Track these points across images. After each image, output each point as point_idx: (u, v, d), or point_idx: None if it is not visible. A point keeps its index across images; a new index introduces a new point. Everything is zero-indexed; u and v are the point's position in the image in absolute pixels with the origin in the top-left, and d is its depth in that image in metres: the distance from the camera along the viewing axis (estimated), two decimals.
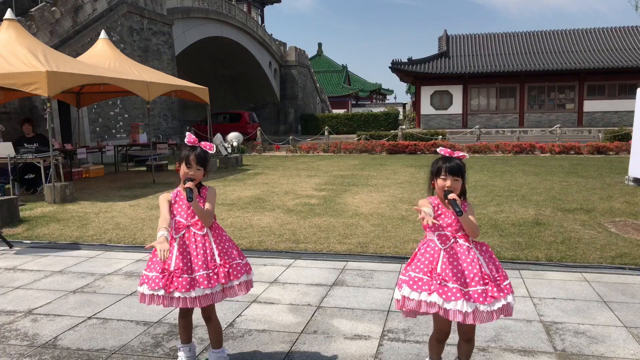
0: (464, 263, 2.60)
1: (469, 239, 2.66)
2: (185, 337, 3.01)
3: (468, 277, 2.57)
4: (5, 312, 3.97)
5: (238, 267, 2.88)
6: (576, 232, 6.19)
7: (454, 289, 2.54)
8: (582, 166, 14.15)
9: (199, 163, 2.84)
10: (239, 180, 12.21)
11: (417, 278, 2.63)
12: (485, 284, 2.57)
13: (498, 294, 2.56)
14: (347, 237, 6.12)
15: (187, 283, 2.76)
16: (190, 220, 2.87)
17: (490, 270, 2.62)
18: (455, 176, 2.63)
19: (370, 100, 70.46)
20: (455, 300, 2.52)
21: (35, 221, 7.42)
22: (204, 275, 2.78)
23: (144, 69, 13.42)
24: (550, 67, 33.84)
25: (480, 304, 2.53)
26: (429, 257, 2.65)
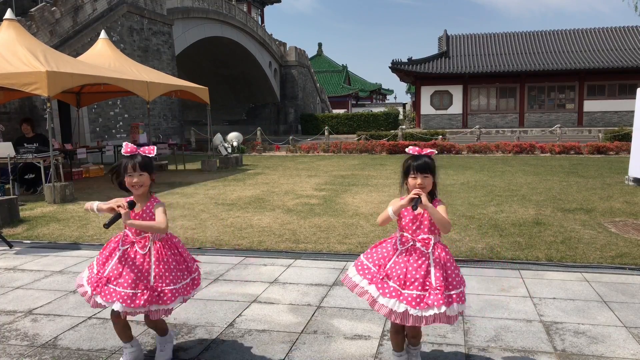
0: (410, 267, 2.70)
1: (429, 244, 2.72)
2: (124, 337, 3.01)
3: (408, 281, 2.67)
4: (6, 312, 3.97)
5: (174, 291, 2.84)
6: (576, 232, 6.19)
7: (392, 288, 2.68)
8: (582, 166, 14.15)
9: (141, 168, 2.81)
10: (239, 180, 12.21)
11: (367, 266, 2.84)
12: (423, 290, 2.64)
13: (433, 302, 2.61)
14: (347, 237, 6.12)
15: (109, 293, 2.79)
16: (136, 237, 2.88)
17: (437, 278, 2.66)
18: (425, 173, 2.70)
19: (370, 100, 70.47)
20: (389, 297, 2.66)
21: (35, 221, 7.42)
22: (129, 294, 2.77)
23: (144, 69, 13.42)
24: (550, 67, 33.84)
25: (412, 308, 2.62)
26: (385, 252, 2.81)
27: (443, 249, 2.76)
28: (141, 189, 2.86)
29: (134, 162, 2.81)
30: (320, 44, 63.97)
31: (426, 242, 2.72)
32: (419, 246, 2.72)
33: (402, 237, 2.79)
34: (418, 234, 2.74)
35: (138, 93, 11.87)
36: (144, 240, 2.87)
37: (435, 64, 36.22)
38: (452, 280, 2.71)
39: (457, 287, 2.71)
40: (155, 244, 2.88)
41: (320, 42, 67.76)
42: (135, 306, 2.77)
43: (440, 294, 2.63)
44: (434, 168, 2.74)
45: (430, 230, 2.74)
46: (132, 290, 2.78)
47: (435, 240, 2.75)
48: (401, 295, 2.65)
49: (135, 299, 2.77)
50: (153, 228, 2.81)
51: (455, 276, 2.73)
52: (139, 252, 2.85)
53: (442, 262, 2.72)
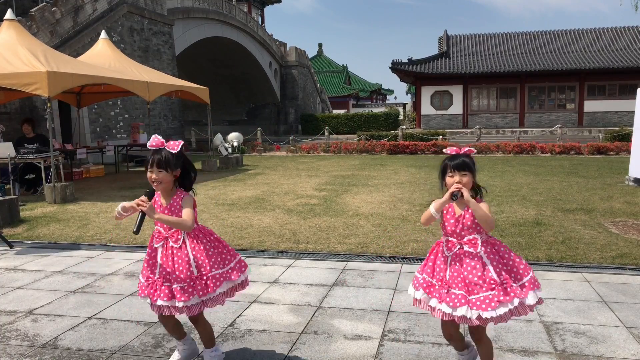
0: (465, 272, 2.63)
1: (477, 244, 2.65)
2: (178, 335, 3.02)
3: (470, 286, 2.61)
4: (6, 312, 3.97)
5: (218, 276, 2.81)
6: (576, 232, 6.18)
7: (460, 295, 2.60)
8: (583, 166, 14.14)
9: (160, 166, 2.77)
10: (239, 180, 12.22)
11: (429, 282, 2.74)
12: (490, 289, 2.57)
13: (504, 297, 2.55)
14: (348, 237, 6.12)
15: (169, 292, 2.78)
16: (168, 232, 2.85)
17: (498, 274, 2.60)
18: (463, 171, 2.64)
19: (371, 101, 70.45)
20: (460, 306, 2.58)
21: (36, 221, 7.42)
22: (177, 289, 2.76)
23: (144, 69, 13.43)
24: (550, 67, 33.83)
25: (483, 311, 2.55)
26: (439, 263, 2.73)
27: (493, 245, 2.69)
28: (160, 185, 2.81)
29: (155, 157, 2.79)
30: (321, 44, 64.00)
31: (473, 243, 2.65)
32: (467, 248, 2.66)
33: (447, 243, 2.72)
34: (463, 236, 2.67)
35: (138, 93, 11.87)
36: (176, 234, 2.84)
37: (436, 64, 36.22)
38: (517, 270, 2.63)
39: (526, 274, 2.63)
40: (189, 235, 2.85)
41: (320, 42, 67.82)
42: (186, 299, 2.74)
43: (508, 286, 2.58)
44: (473, 167, 2.69)
45: (475, 229, 2.66)
46: (180, 285, 2.76)
47: (483, 238, 2.68)
48: (469, 302, 2.58)
49: (185, 292, 2.75)
50: (179, 224, 2.76)
51: (519, 264, 2.65)
52: (174, 247, 2.82)
53: (498, 256, 2.65)
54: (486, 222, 2.60)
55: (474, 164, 2.70)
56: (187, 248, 2.82)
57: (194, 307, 2.79)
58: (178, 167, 2.85)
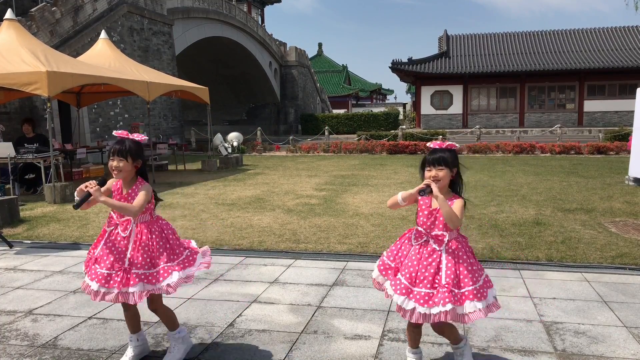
0: (420, 264, 2.70)
1: (443, 241, 2.70)
2: (131, 328, 3.08)
3: (418, 278, 2.68)
4: (6, 312, 3.97)
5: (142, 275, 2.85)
6: (576, 232, 6.18)
7: (403, 285, 2.70)
8: (583, 166, 14.15)
9: (121, 155, 2.86)
10: (239, 180, 12.21)
11: (387, 264, 2.88)
12: (432, 288, 2.64)
13: (440, 300, 2.60)
14: (348, 237, 6.12)
15: (93, 273, 2.89)
16: (120, 219, 2.93)
17: (447, 276, 2.64)
18: (439, 166, 2.69)
19: (371, 100, 70.44)
20: (399, 294, 2.69)
21: (36, 221, 7.42)
22: (105, 274, 2.85)
23: (144, 69, 13.42)
24: (550, 67, 33.83)
25: (420, 306, 2.63)
26: (402, 248, 2.84)
27: (458, 246, 2.70)
28: (120, 174, 2.90)
29: (115, 147, 2.89)
30: (321, 44, 63.99)
31: (440, 239, 2.70)
32: (432, 242, 2.71)
33: (416, 233, 2.81)
34: (432, 229, 2.72)
35: (138, 93, 11.87)
36: (125, 223, 2.92)
37: (436, 64, 36.21)
38: (464, 278, 2.65)
39: (471, 284, 2.63)
40: (137, 227, 2.91)
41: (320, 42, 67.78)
42: (109, 287, 2.83)
43: (447, 291, 2.60)
44: (452, 161, 2.71)
45: (445, 226, 2.69)
46: (108, 271, 2.85)
47: (451, 237, 2.70)
48: (411, 292, 2.67)
49: (110, 279, 2.84)
50: (124, 209, 2.83)
51: (469, 273, 2.66)
52: (120, 234, 2.91)
53: (456, 260, 2.67)
54: (450, 220, 2.63)
55: (453, 159, 2.73)
56: (129, 239, 2.90)
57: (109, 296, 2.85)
58: (139, 158, 2.95)
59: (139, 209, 2.83)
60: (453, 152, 2.74)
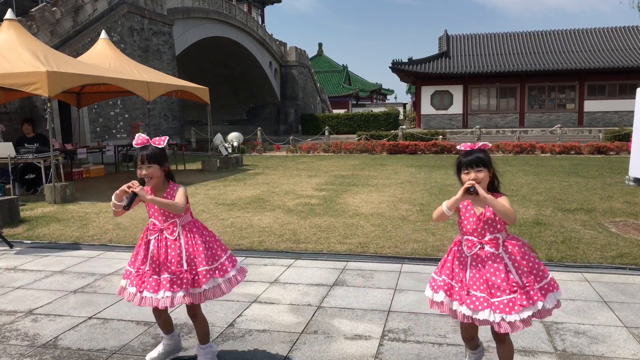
0: (487, 273, 2.56)
1: (498, 244, 2.59)
2: (166, 330, 3.09)
3: (493, 288, 2.54)
4: (6, 312, 3.97)
5: (205, 272, 2.83)
6: (576, 232, 6.18)
7: (481, 298, 2.53)
8: (583, 166, 14.14)
9: (150, 161, 2.85)
10: (240, 180, 12.22)
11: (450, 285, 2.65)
12: (512, 292, 2.51)
13: (527, 301, 2.49)
14: (348, 237, 6.12)
15: (156, 285, 2.83)
16: (164, 224, 2.90)
17: (520, 276, 2.54)
18: (477, 167, 2.60)
19: (371, 100, 70.44)
20: (482, 309, 2.51)
21: (36, 221, 7.42)
22: (168, 279, 2.81)
23: (144, 69, 13.42)
24: (550, 67, 33.83)
25: (507, 315, 2.48)
26: (458, 264, 2.65)
27: (515, 244, 2.61)
28: (152, 180, 2.88)
29: (143, 154, 2.86)
30: (321, 44, 63.99)
31: (495, 243, 2.58)
32: (488, 248, 2.58)
33: (467, 242, 2.64)
34: (484, 235, 2.60)
35: (138, 93, 11.87)
36: (172, 226, 2.89)
37: (436, 64, 36.22)
38: (537, 272, 2.57)
39: (546, 276, 2.58)
40: (183, 228, 2.91)
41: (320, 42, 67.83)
42: (175, 291, 2.79)
43: (531, 289, 2.51)
44: (489, 162, 2.64)
45: (496, 228, 2.59)
46: (170, 276, 2.81)
47: (504, 237, 2.61)
48: (492, 305, 2.51)
49: (173, 284, 2.80)
50: (170, 206, 2.82)
51: (538, 266, 2.59)
52: (169, 239, 2.87)
53: (520, 257, 2.57)
54: (506, 215, 2.51)
55: (489, 159, 2.65)
56: (180, 241, 2.87)
57: (179, 299, 2.82)
58: (166, 161, 2.94)
59: (183, 204, 2.85)
60: (486, 152, 2.67)
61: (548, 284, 2.59)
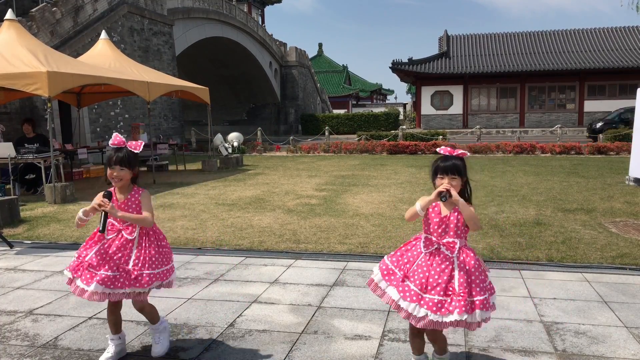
0: (432, 271, 2.65)
1: (454, 248, 2.67)
2: (115, 330, 3.17)
3: (430, 285, 2.63)
4: (6, 313, 3.97)
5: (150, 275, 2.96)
6: (577, 232, 6.18)
7: (413, 291, 2.64)
8: (583, 166, 14.14)
9: (122, 164, 2.94)
10: (240, 180, 12.22)
11: (391, 270, 2.77)
12: (445, 295, 2.60)
13: (454, 308, 2.57)
14: (348, 237, 6.12)
15: (90, 277, 2.92)
16: (122, 225, 3.00)
17: (460, 284, 2.61)
18: (452, 175, 2.66)
19: (371, 101, 70.46)
20: (409, 301, 2.62)
21: (36, 221, 7.42)
22: (110, 276, 2.91)
23: (144, 69, 13.42)
24: (550, 67, 33.84)
25: (432, 313, 2.58)
26: (410, 256, 2.76)
27: (469, 254, 2.69)
28: (120, 182, 2.99)
29: (117, 155, 2.96)
30: (321, 44, 64.03)
31: (451, 246, 2.66)
32: (444, 250, 2.67)
33: (426, 240, 2.74)
34: (443, 237, 2.68)
35: (138, 93, 11.87)
36: (131, 227, 3.00)
37: (436, 64, 36.22)
38: (475, 287, 2.63)
39: (482, 294, 2.63)
40: (142, 229, 3.02)
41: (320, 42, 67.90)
42: (115, 287, 2.91)
43: (462, 300, 2.57)
44: (464, 170, 2.68)
45: (457, 233, 2.67)
46: (113, 273, 2.92)
47: (461, 244, 2.69)
48: (422, 299, 2.61)
49: (115, 281, 2.91)
50: (141, 221, 2.96)
51: (481, 282, 2.65)
52: (125, 237, 2.98)
53: (467, 267, 2.65)
54: (474, 221, 2.63)
55: (464, 168, 2.70)
56: (134, 243, 2.99)
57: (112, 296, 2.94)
58: (137, 166, 3.05)
59: (152, 218, 2.99)
60: (463, 160, 2.71)
61: (481, 301, 2.62)
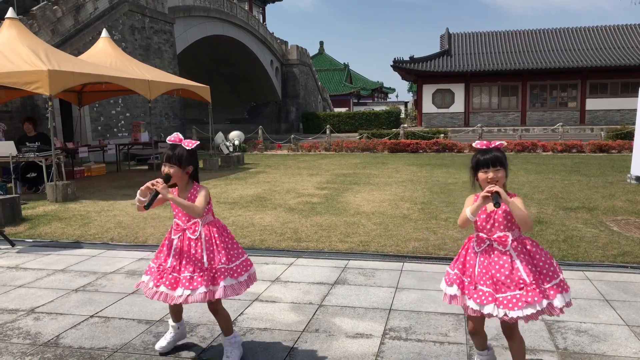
0: (493, 269, 2.60)
1: (507, 242, 2.61)
2: (175, 318, 3.20)
3: (498, 284, 2.58)
4: (8, 311, 3.98)
5: (224, 270, 2.94)
6: (578, 231, 6.18)
7: (487, 293, 2.58)
8: (585, 164, 14.12)
9: (172, 161, 2.94)
10: (241, 179, 12.22)
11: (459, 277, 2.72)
12: (517, 289, 2.54)
13: (532, 299, 2.51)
14: (349, 236, 6.12)
15: (174, 282, 2.93)
16: (187, 224, 3.01)
17: (528, 274, 2.56)
18: (496, 167, 2.60)
19: (372, 99, 70.42)
20: (487, 303, 2.57)
21: (37, 220, 7.43)
22: (187, 277, 2.91)
23: (145, 68, 13.42)
24: (552, 65, 33.77)
25: (510, 310, 2.52)
26: (469, 259, 2.71)
27: (526, 244, 2.64)
28: (172, 179, 2.96)
29: (168, 153, 2.96)
30: (322, 42, 63.97)
31: (503, 241, 2.61)
32: (496, 245, 2.62)
33: (477, 238, 2.69)
34: (493, 232, 2.63)
35: (140, 92, 11.87)
36: (194, 226, 2.99)
37: (437, 62, 36.17)
38: (547, 272, 2.59)
39: (555, 277, 2.59)
40: (205, 227, 3.01)
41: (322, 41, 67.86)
42: (194, 288, 2.88)
43: (537, 288, 2.53)
44: (505, 160, 2.63)
45: (507, 226, 2.61)
46: (190, 274, 2.91)
47: (514, 236, 2.63)
48: (496, 299, 2.56)
49: (193, 281, 2.90)
50: (189, 208, 2.91)
51: (549, 266, 2.61)
52: (191, 238, 2.98)
53: (529, 256, 2.60)
54: (525, 223, 2.54)
55: (506, 158, 2.65)
56: (202, 240, 2.97)
57: (198, 296, 2.90)
58: (191, 164, 3.02)
59: (202, 208, 2.94)
60: (503, 151, 2.67)
61: (558, 284, 2.60)
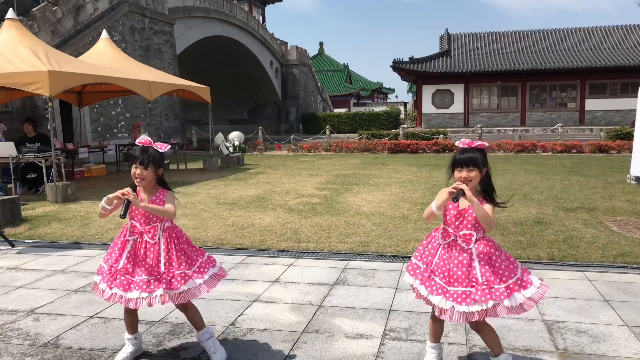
0: (451, 263, 2.69)
1: (470, 240, 2.69)
2: (130, 329, 3.15)
3: (452, 277, 2.67)
4: (8, 312, 3.98)
5: (183, 275, 2.92)
6: (578, 231, 6.18)
7: (438, 285, 2.69)
8: (584, 165, 14.13)
9: (146, 163, 2.90)
10: (241, 179, 12.22)
11: (417, 265, 2.87)
12: (469, 286, 2.63)
13: (480, 297, 2.59)
14: (349, 237, 6.12)
15: (127, 284, 2.90)
16: (145, 227, 2.97)
17: (482, 274, 2.63)
18: (469, 167, 2.65)
19: (372, 99, 70.45)
20: (435, 295, 2.68)
21: (37, 221, 7.43)
22: (144, 280, 2.89)
23: (145, 69, 13.43)
24: (552, 65, 33.80)
25: (458, 304, 2.62)
26: (430, 248, 2.83)
27: (486, 244, 2.70)
28: (143, 182, 2.95)
29: (142, 155, 2.92)
30: (322, 43, 63.99)
31: (467, 239, 2.68)
32: (460, 242, 2.69)
33: (444, 231, 2.77)
34: (460, 229, 2.70)
35: (139, 92, 11.88)
36: (153, 230, 2.97)
37: (437, 62, 36.19)
38: (502, 273, 2.64)
39: (511, 277, 2.64)
40: (164, 232, 2.99)
41: (321, 41, 67.80)
42: (151, 291, 2.88)
43: (487, 288, 2.59)
44: (482, 161, 2.67)
45: (474, 226, 2.68)
46: (147, 277, 2.90)
47: (478, 236, 2.69)
48: (447, 292, 2.65)
49: (150, 284, 2.89)
50: (163, 212, 2.92)
51: (506, 267, 2.66)
52: (148, 242, 2.95)
53: (487, 257, 2.66)
54: (486, 222, 2.64)
55: (484, 159, 2.68)
56: (160, 244, 2.95)
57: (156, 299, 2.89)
58: (162, 167, 3.01)
59: (174, 211, 2.96)
60: (483, 151, 2.70)
61: (515, 283, 2.66)
